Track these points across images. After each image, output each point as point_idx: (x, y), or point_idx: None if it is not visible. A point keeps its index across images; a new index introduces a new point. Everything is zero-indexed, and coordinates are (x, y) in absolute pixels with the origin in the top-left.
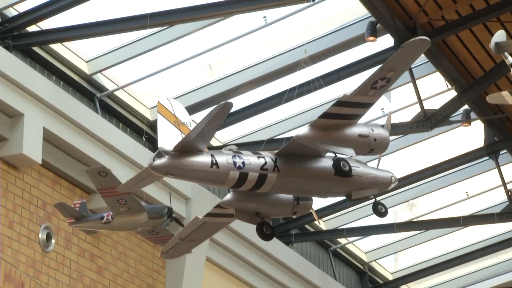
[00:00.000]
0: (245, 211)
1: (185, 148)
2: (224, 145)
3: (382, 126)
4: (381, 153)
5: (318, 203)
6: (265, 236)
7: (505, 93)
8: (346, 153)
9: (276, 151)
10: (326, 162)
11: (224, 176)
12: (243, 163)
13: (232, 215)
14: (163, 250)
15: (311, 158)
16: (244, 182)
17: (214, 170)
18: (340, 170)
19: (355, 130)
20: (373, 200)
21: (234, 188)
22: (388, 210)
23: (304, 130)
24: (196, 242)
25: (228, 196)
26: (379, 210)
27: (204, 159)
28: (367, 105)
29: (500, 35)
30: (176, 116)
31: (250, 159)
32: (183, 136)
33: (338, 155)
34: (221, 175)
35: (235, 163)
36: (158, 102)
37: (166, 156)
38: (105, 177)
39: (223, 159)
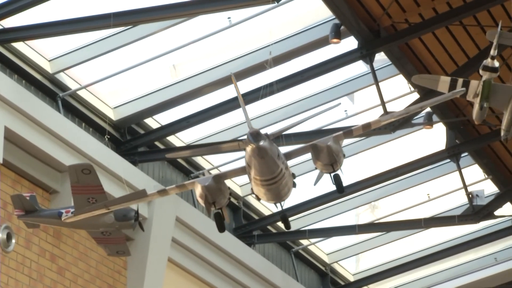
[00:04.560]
0: (208, 198)
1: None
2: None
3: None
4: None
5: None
6: (222, 227)
7: (443, 78)
8: (339, 168)
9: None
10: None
11: (277, 167)
12: (284, 155)
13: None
14: (65, 220)
15: None
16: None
17: (277, 161)
18: (341, 185)
19: (340, 147)
20: (281, 210)
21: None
22: (351, 211)
23: (330, 140)
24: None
25: (210, 181)
26: (287, 220)
27: (275, 148)
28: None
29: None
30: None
31: (282, 153)
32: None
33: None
34: (277, 166)
35: (281, 155)
36: (232, 77)
37: (267, 139)
38: (88, 175)
39: (279, 150)
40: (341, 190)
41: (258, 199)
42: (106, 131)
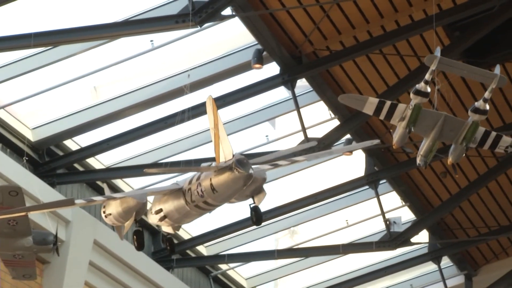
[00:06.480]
0: (137, 214)
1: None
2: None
3: None
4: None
5: (201, 228)
6: (143, 245)
7: (371, 100)
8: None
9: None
10: None
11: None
12: None
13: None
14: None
15: None
16: None
17: None
18: (261, 218)
19: None
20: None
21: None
22: (270, 236)
23: (265, 173)
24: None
25: (146, 197)
26: (173, 244)
27: None
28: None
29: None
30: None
31: None
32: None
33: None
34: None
35: None
36: (211, 99)
37: (252, 167)
38: (14, 197)
39: None
40: (259, 222)
41: (160, 220)
42: (25, 153)
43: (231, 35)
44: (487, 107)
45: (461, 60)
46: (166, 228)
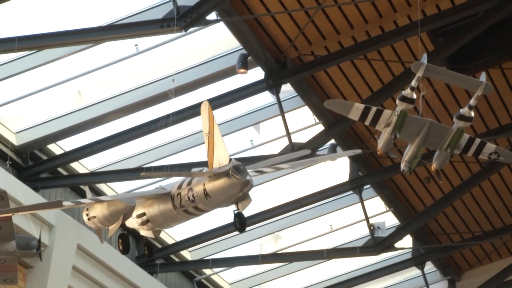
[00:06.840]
0: (124, 217)
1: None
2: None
3: None
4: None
5: (185, 233)
6: (127, 249)
7: (357, 105)
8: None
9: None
10: None
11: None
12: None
13: None
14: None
15: None
16: None
17: None
18: (245, 224)
19: None
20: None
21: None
22: (254, 241)
23: (252, 180)
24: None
25: (134, 201)
26: (152, 247)
27: None
28: None
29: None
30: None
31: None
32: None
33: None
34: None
35: None
36: (208, 104)
37: (248, 173)
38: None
39: None
40: (243, 229)
41: (142, 224)
42: (8, 157)
43: (216, 39)
44: (472, 114)
45: (445, 66)
46: (146, 232)
